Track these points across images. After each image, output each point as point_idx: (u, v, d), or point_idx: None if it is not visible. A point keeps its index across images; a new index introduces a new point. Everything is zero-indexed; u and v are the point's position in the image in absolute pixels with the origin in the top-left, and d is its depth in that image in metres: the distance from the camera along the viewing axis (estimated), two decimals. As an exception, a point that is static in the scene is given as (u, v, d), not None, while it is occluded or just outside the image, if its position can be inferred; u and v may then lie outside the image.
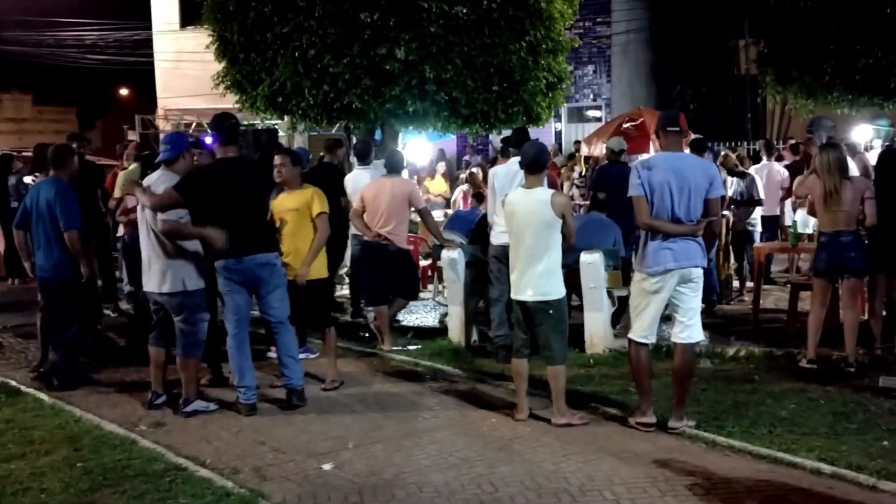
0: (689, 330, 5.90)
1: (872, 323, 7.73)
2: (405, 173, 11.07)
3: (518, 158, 7.92)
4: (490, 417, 6.32)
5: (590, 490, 4.92)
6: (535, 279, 6.02)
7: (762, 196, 10.72)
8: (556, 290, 6.07)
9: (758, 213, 10.92)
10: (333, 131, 15.64)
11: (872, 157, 10.04)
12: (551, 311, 6.05)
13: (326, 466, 5.33)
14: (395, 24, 9.81)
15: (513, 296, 6.19)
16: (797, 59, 8.57)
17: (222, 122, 6.50)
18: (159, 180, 6.41)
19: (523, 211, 6.04)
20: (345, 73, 9.92)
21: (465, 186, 13.04)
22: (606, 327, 8.12)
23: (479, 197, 11.40)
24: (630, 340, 6.05)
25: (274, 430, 6.07)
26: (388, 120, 10.71)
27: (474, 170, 13.29)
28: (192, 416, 6.35)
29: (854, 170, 8.43)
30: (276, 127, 14.59)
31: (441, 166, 16.51)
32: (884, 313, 7.84)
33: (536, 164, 6.11)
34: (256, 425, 6.19)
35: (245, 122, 17.70)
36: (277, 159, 7.13)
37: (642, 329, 5.94)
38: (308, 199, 7.00)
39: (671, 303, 5.94)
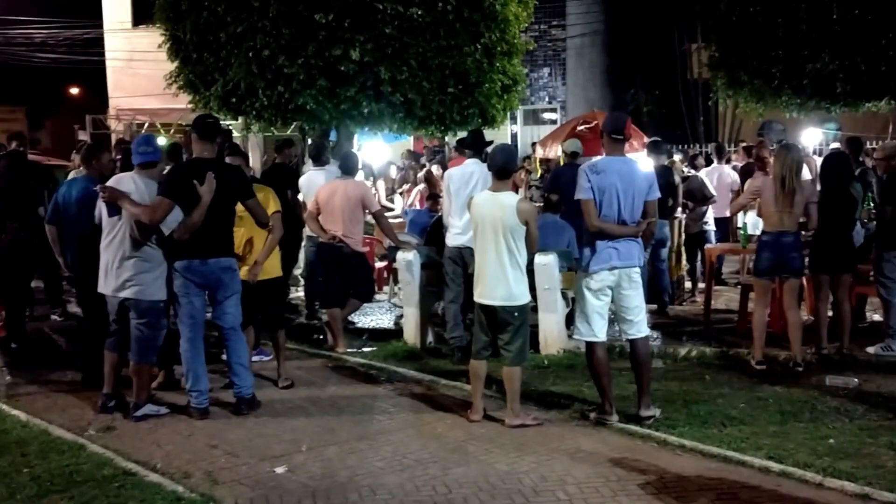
0: (639, 325, 6.12)
1: (818, 323, 7.88)
2: (360, 175, 11.07)
3: (474, 160, 8.03)
4: (445, 419, 6.32)
5: (543, 490, 4.95)
6: (501, 283, 6.05)
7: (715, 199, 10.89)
8: (521, 294, 6.13)
9: (711, 213, 11.09)
10: (288, 132, 15.53)
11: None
12: (516, 315, 6.10)
13: (279, 469, 5.29)
14: (350, 25, 9.77)
15: (477, 299, 6.20)
16: (747, 64, 8.71)
17: (201, 121, 6.50)
18: (140, 185, 6.22)
19: (489, 214, 6.07)
20: (299, 73, 9.87)
21: (421, 187, 13.04)
22: (561, 328, 8.16)
23: (434, 198, 11.41)
24: (586, 343, 6.13)
25: (226, 434, 6.01)
26: (343, 121, 10.67)
27: (434, 168, 13.28)
28: (142, 421, 6.26)
29: (807, 173, 8.61)
30: (231, 128, 14.42)
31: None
32: (829, 314, 8.00)
33: (505, 169, 6.20)
34: (208, 428, 6.12)
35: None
36: (229, 160, 7.06)
37: (589, 328, 6.05)
38: (262, 199, 6.95)
39: (617, 305, 6.09)
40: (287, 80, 9.95)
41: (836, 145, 13.74)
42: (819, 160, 12.33)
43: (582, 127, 16.20)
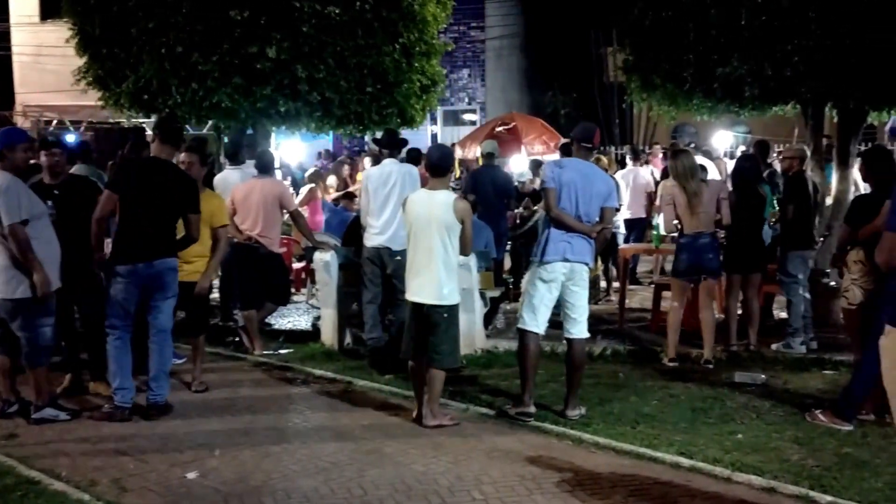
0: (580, 325, 6.25)
1: (728, 321, 8.09)
2: (278, 174, 10.92)
3: (391, 160, 8.00)
4: (361, 420, 6.28)
5: (459, 490, 4.95)
6: (434, 282, 6.04)
7: (623, 202, 11.12)
8: (453, 294, 6.13)
9: (621, 216, 11.30)
10: (205, 131, 15.23)
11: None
12: (446, 315, 6.09)
13: (191, 475, 5.18)
14: (267, 22, 9.62)
15: (409, 297, 6.17)
16: (659, 68, 8.85)
17: (166, 125, 6.64)
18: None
19: (425, 213, 6.05)
20: (214, 71, 9.67)
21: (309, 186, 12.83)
22: (479, 328, 8.20)
23: (349, 196, 11.34)
24: (520, 330, 6.19)
25: (136, 439, 5.84)
26: (260, 120, 10.50)
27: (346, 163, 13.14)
28: (41, 424, 6.03)
29: (716, 174, 8.84)
30: (144, 125, 14.06)
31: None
32: (739, 312, 8.22)
33: (441, 168, 6.22)
34: (117, 434, 5.95)
35: (110, 121, 17.09)
36: (184, 157, 6.95)
37: (533, 318, 6.14)
38: (213, 208, 6.91)
39: (564, 301, 6.19)
40: (201, 78, 9.74)
41: (743, 148, 14.23)
42: (730, 162, 12.72)
43: (500, 128, 16.37)
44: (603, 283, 11.27)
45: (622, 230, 11.41)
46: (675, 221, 7.68)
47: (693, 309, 8.03)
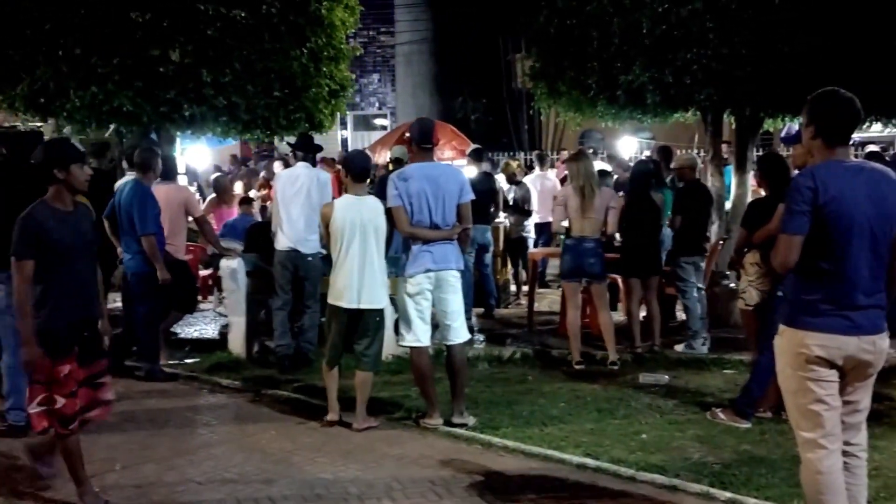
0: (457, 331, 6.17)
1: (631, 323, 8.27)
2: (182, 180, 10.69)
3: (303, 164, 7.93)
4: (269, 430, 6.19)
5: (369, 497, 4.93)
6: (370, 286, 6.05)
7: (534, 207, 11.28)
8: (382, 297, 6.17)
9: (531, 220, 11.45)
10: (107, 136, 14.79)
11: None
12: (378, 319, 6.13)
13: (91, 491, 5.01)
14: (170, 25, 9.41)
15: (337, 303, 6.10)
16: (565, 75, 9.01)
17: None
18: None
19: (355, 217, 6.03)
20: (114, 73, 9.40)
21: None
22: (389, 334, 8.15)
23: (248, 201, 11.16)
24: (410, 349, 6.17)
25: (33, 456, 5.63)
26: (163, 124, 10.26)
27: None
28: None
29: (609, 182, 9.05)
30: (41, 130, 13.56)
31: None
32: (642, 314, 8.41)
33: (364, 172, 6.22)
34: (13, 450, 5.70)
35: (5, 125, 16.42)
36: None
37: (412, 333, 6.09)
38: None
39: (437, 310, 6.15)
40: (101, 81, 9.46)
41: (647, 153, 14.58)
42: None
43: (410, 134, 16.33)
44: (513, 287, 11.39)
45: (532, 234, 11.56)
46: (564, 222, 7.82)
47: (593, 312, 8.19)
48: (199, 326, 9.83)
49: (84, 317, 4.65)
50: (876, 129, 10.49)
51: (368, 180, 6.53)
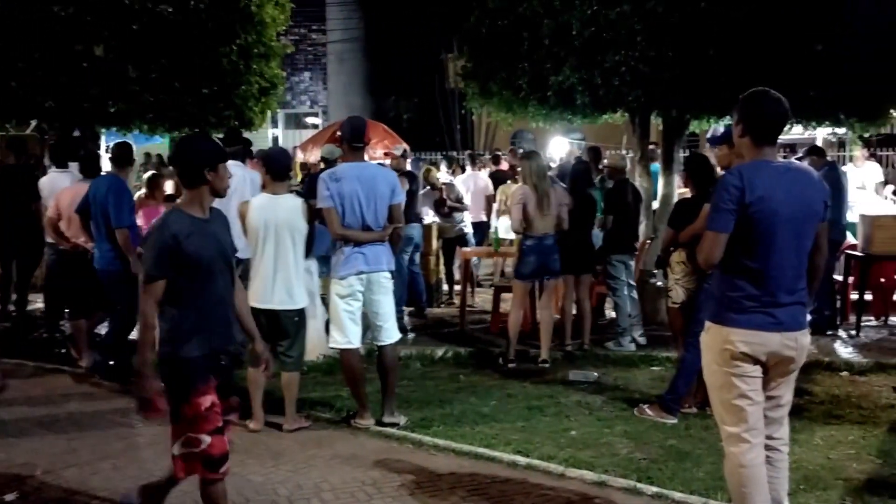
0: (388, 331, 6.16)
1: (563, 321, 8.36)
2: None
3: (234, 162, 7.80)
4: (198, 432, 6.08)
5: (298, 499, 4.89)
6: (285, 287, 5.97)
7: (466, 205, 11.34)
8: (303, 297, 6.11)
9: (468, 217, 11.50)
10: (28, 132, 14.37)
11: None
12: (297, 319, 6.05)
13: (9, 497, 4.86)
14: (94, 19, 9.19)
15: (256, 304, 6.00)
16: (496, 75, 9.05)
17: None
18: None
19: (272, 217, 5.95)
20: (36, 69, 9.14)
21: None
22: (321, 334, 8.09)
23: (173, 200, 10.96)
24: (340, 350, 6.13)
25: (-52, 462, 5.45)
26: (88, 121, 10.02)
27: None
28: None
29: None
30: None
31: None
32: (574, 312, 8.50)
33: (284, 171, 6.14)
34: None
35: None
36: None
37: (343, 335, 6.05)
38: None
39: (368, 311, 6.12)
40: (22, 76, 9.19)
41: (577, 154, 14.75)
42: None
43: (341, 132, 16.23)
44: (445, 287, 11.41)
45: (470, 230, 11.60)
46: (521, 221, 7.85)
47: (532, 309, 8.24)
48: (124, 327, 9.59)
49: (225, 344, 3.97)
50: (797, 130, 10.77)
51: (289, 178, 6.44)
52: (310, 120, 24.22)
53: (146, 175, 12.49)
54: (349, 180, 5.93)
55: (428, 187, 11.13)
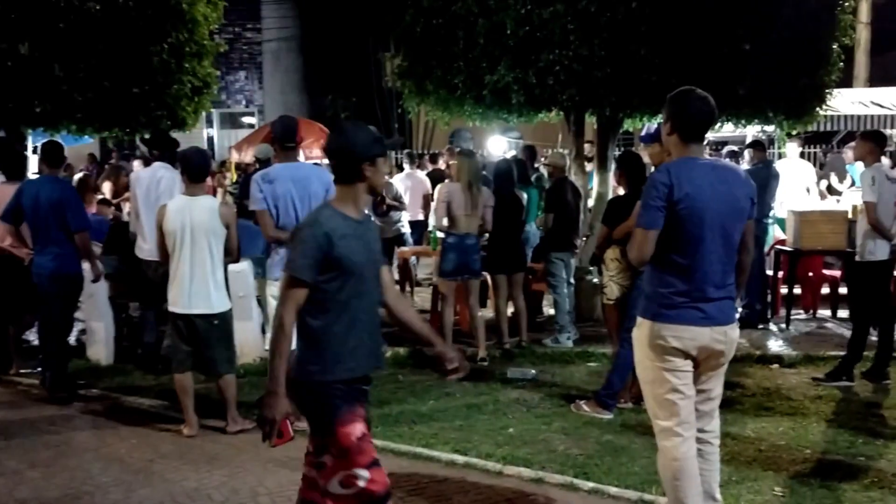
0: None
1: (499, 319, 8.39)
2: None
3: (161, 164, 7.69)
4: (130, 439, 5.97)
5: (234, 504, 4.83)
6: (202, 291, 5.86)
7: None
8: (223, 302, 6.00)
9: (406, 217, 11.47)
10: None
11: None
12: (217, 323, 5.95)
13: (-68, 511, 4.72)
14: (18, 17, 8.94)
15: (176, 309, 5.90)
16: (432, 74, 9.04)
17: None
18: None
19: (187, 219, 5.84)
20: (-44, 68, 8.87)
21: None
22: (257, 336, 8.02)
23: (106, 203, 10.74)
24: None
25: None
26: (13, 121, 9.73)
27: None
28: None
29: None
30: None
31: None
32: (510, 310, 8.54)
33: (202, 172, 6.02)
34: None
35: None
36: None
37: None
38: None
39: None
40: (-58, 74, 8.91)
41: (513, 153, 14.84)
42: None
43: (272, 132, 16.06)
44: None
45: (408, 230, 11.57)
46: (445, 220, 7.87)
47: (466, 308, 8.27)
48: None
49: (374, 365, 3.49)
50: (728, 129, 10.98)
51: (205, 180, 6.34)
52: (246, 119, 23.93)
53: (77, 176, 12.24)
54: (282, 181, 5.86)
55: None
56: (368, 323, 3.43)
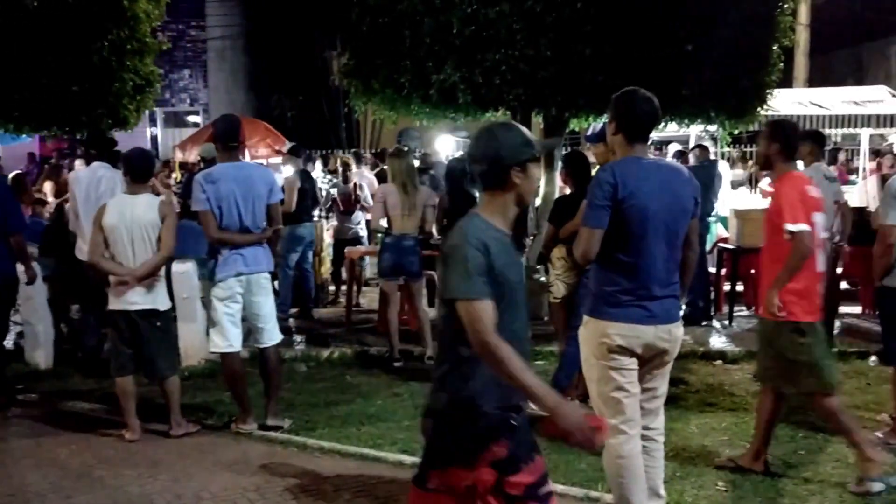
0: (269, 333, 6.05)
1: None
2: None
3: (101, 163, 7.55)
4: (70, 444, 5.84)
5: (177, 509, 4.75)
6: (143, 288, 5.78)
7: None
8: (164, 300, 5.93)
9: (363, 218, 11.38)
10: None
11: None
12: (159, 323, 5.86)
13: None
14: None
15: (117, 305, 5.81)
16: (378, 73, 9.00)
17: None
18: None
19: (128, 218, 5.75)
20: None
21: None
22: (201, 338, 7.90)
23: (41, 203, 10.50)
24: (221, 354, 5.98)
25: None
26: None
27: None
28: None
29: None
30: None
31: None
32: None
33: (145, 172, 5.98)
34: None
35: None
36: None
37: (224, 338, 5.90)
38: None
39: (248, 313, 5.99)
40: None
41: (461, 152, 14.84)
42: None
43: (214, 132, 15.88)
44: (332, 287, 11.30)
45: (364, 231, 11.50)
46: (383, 221, 7.85)
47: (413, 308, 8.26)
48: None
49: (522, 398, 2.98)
50: (672, 128, 11.12)
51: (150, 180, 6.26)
52: (191, 118, 23.62)
53: (11, 175, 11.94)
54: (226, 181, 5.78)
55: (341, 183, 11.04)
56: (523, 343, 3.03)
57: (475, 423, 2.91)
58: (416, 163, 11.48)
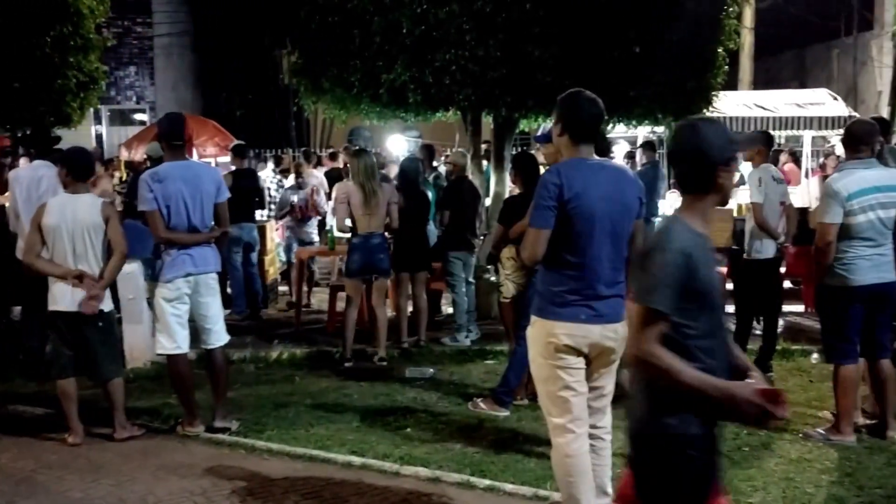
0: (217, 334, 5.99)
1: (399, 318, 8.38)
2: None
3: (42, 162, 7.40)
4: (11, 448, 5.72)
5: (122, 514, 4.67)
6: (77, 289, 5.64)
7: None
8: (106, 301, 5.82)
9: (315, 221, 11.31)
10: None
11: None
12: (101, 324, 5.75)
13: None
14: None
15: (58, 307, 5.68)
16: (328, 72, 8.95)
17: None
18: None
19: (69, 217, 5.65)
20: None
21: None
22: (147, 339, 7.79)
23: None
24: (168, 356, 5.89)
25: None
26: None
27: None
28: None
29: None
30: None
31: None
32: (410, 309, 8.54)
33: (86, 171, 5.88)
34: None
35: None
36: None
37: (171, 339, 5.82)
38: None
39: (196, 313, 5.91)
40: None
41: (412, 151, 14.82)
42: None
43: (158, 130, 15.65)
44: (283, 287, 11.21)
45: (315, 232, 11.42)
46: (348, 221, 7.80)
47: (368, 307, 8.22)
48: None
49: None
50: (620, 129, 11.23)
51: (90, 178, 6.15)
52: (137, 116, 23.23)
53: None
54: (173, 180, 5.70)
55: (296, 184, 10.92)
56: (723, 364, 2.80)
57: (682, 453, 2.70)
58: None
